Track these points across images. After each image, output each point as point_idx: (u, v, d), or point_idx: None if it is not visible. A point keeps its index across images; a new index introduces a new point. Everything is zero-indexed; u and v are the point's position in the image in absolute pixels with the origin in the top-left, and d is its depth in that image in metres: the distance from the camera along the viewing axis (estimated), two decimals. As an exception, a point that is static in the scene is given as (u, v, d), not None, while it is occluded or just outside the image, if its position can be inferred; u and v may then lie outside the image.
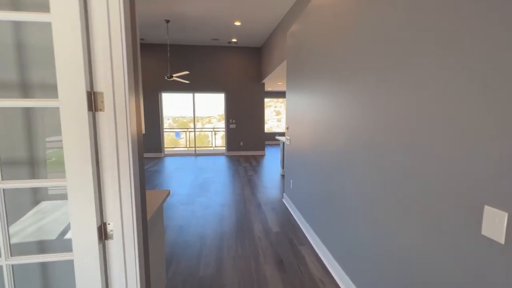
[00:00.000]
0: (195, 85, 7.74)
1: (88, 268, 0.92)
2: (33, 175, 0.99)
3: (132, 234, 0.98)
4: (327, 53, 2.18)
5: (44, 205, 1.01)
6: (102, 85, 0.89)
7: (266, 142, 10.74)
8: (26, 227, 0.99)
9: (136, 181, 0.99)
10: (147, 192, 1.68)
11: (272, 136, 11.12)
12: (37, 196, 1.02)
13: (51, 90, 0.86)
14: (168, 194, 1.70)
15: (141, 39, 7.13)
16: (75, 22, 0.82)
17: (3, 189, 0.87)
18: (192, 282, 1.94)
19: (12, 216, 0.94)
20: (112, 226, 0.95)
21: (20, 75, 0.90)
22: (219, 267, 2.12)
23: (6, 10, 0.85)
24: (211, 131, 10.12)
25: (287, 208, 3.50)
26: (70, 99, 0.85)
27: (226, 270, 2.09)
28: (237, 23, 5.59)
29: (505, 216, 0.78)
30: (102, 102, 0.90)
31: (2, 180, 0.86)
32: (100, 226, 0.94)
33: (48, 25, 0.81)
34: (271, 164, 6.76)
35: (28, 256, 0.93)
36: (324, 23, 2.25)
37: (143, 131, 1.42)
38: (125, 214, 0.96)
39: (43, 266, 1.02)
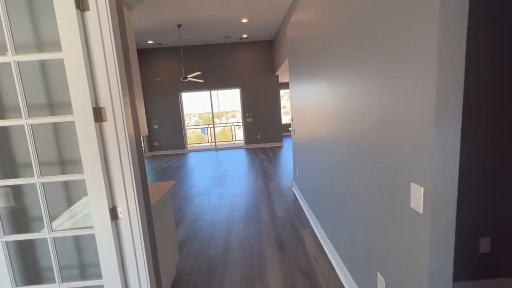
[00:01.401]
0: (210, 83, 8.08)
1: (106, 240, 1.23)
2: (63, 172, 1.32)
3: (136, 214, 1.27)
4: (323, 41, 2.29)
5: (85, 199, 1.30)
6: (104, 101, 1.17)
7: (286, 134, 10.85)
8: (71, 217, 1.31)
9: (136, 173, 1.27)
10: (157, 184, 1.99)
11: (291, 127, 11.17)
12: (79, 191, 1.32)
13: (68, 107, 1.15)
14: (174, 184, 2.00)
15: (159, 44, 7.59)
16: (80, 58, 1.09)
17: (42, 183, 1.20)
18: (202, 260, 2.25)
19: (62, 206, 1.28)
20: (121, 209, 1.25)
21: (47, 99, 1.21)
22: (226, 248, 2.41)
23: (33, 53, 1.16)
24: (231, 126, 10.48)
25: (294, 195, 3.69)
26: (81, 114, 1.14)
27: (232, 250, 2.37)
28: (244, 20, 5.75)
29: (421, 190, 0.92)
30: (105, 114, 1.18)
31: (41, 176, 1.19)
32: (112, 208, 1.23)
33: (61, 60, 1.10)
34: (287, 154, 6.91)
35: (64, 230, 1.27)
36: (318, 12, 2.36)
37: (146, 133, 1.71)
38: (129, 199, 1.25)
39: (77, 239, 1.35)
